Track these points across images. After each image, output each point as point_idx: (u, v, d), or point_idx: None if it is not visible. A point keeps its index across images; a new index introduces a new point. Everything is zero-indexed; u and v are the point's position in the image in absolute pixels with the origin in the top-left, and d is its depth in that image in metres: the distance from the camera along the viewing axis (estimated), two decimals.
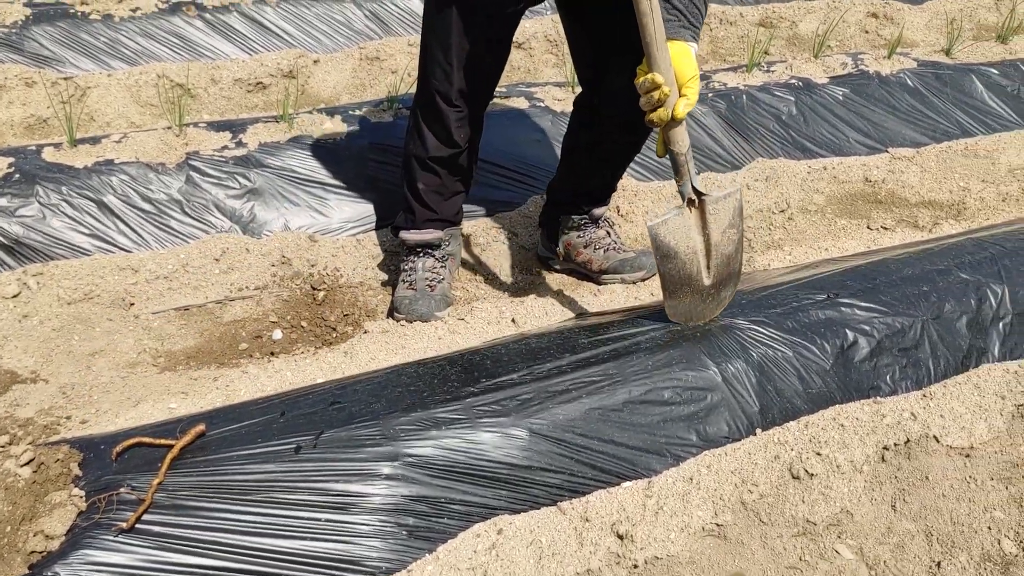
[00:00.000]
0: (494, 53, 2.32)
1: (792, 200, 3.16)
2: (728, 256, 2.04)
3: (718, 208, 1.99)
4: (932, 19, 4.82)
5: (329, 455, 1.63)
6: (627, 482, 1.77)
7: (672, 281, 2.01)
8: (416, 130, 2.42)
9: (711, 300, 2.06)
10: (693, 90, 1.93)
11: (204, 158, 2.82)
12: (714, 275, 2.03)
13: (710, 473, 1.80)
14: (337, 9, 4.11)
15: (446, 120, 2.35)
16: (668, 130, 1.94)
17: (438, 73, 2.30)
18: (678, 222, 1.97)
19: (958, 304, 2.21)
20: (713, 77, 3.66)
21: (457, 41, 2.24)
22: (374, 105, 3.21)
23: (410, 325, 2.36)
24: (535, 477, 1.70)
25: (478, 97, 2.37)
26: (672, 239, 1.97)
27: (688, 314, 2.06)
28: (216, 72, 3.64)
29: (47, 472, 1.61)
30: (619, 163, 2.58)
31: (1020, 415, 2.09)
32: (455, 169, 2.46)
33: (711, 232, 2.00)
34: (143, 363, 2.29)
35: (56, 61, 3.62)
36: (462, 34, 2.23)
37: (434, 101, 2.34)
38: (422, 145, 2.42)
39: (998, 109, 3.81)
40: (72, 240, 2.60)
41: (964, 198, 3.26)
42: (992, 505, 1.86)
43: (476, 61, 2.28)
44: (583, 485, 1.73)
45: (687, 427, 1.86)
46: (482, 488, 1.66)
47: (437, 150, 2.40)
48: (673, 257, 1.98)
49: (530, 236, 2.88)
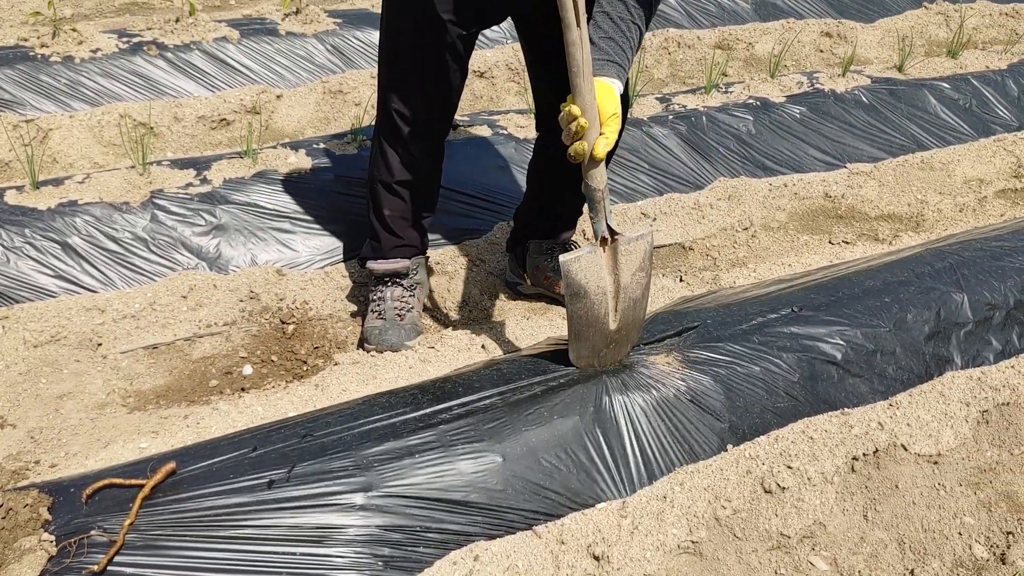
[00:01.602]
0: (452, 73, 2.34)
1: (755, 218, 3.21)
2: (635, 300, 1.98)
3: (630, 249, 1.94)
4: (884, 37, 4.93)
5: (302, 488, 1.62)
6: (601, 503, 1.78)
7: (579, 322, 1.92)
8: (380, 155, 2.44)
9: (613, 346, 1.99)
10: (612, 128, 1.91)
11: (169, 196, 2.81)
12: (620, 320, 1.96)
13: (683, 491, 1.81)
14: (299, 44, 4.13)
15: (408, 143, 2.37)
16: (587, 168, 1.93)
17: (397, 96, 2.32)
18: (590, 260, 1.90)
19: (920, 314, 2.25)
20: (673, 99, 3.71)
21: (414, 64, 2.27)
22: (338, 138, 3.22)
23: (381, 355, 2.36)
24: (510, 502, 1.70)
25: (439, 118, 2.40)
26: (583, 277, 1.89)
27: (590, 358, 1.98)
28: (179, 110, 3.64)
29: (16, 518, 1.59)
30: (578, 181, 2.58)
31: (985, 421, 2.13)
32: (420, 193, 2.47)
33: (621, 274, 1.94)
34: (112, 403, 2.27)
35: (16, 104, 3.60)
36: (419, 56, 2.26)
37: (395, 124, 2.36)
38: (386, 170, 2.43)
39: (952, 122, 3.90)
40: (37, 282, 2.58)
41: (922, 210, 3.32)
42: (962, 511, 1.89)
43: (435, 82, 2.31)
44: (558, 507, 1.74)
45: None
46: (457, 515, 1.66)
47: (401, 174, 2.42)
48: (582, 296, 1.90)
49: (497, 262, 2.89)
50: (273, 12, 4.39)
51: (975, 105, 3.99)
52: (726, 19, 5.02)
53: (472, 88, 4.05)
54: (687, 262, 3.00)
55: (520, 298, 2.77)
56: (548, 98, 2.49)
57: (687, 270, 2.91)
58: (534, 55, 2.46)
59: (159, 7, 5.06)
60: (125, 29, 4.09)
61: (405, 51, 2.27)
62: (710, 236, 3.11)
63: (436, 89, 2.33)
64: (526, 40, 2.45)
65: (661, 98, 3.73)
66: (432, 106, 2.35)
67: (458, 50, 2.29)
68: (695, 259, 3.01)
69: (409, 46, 2.26)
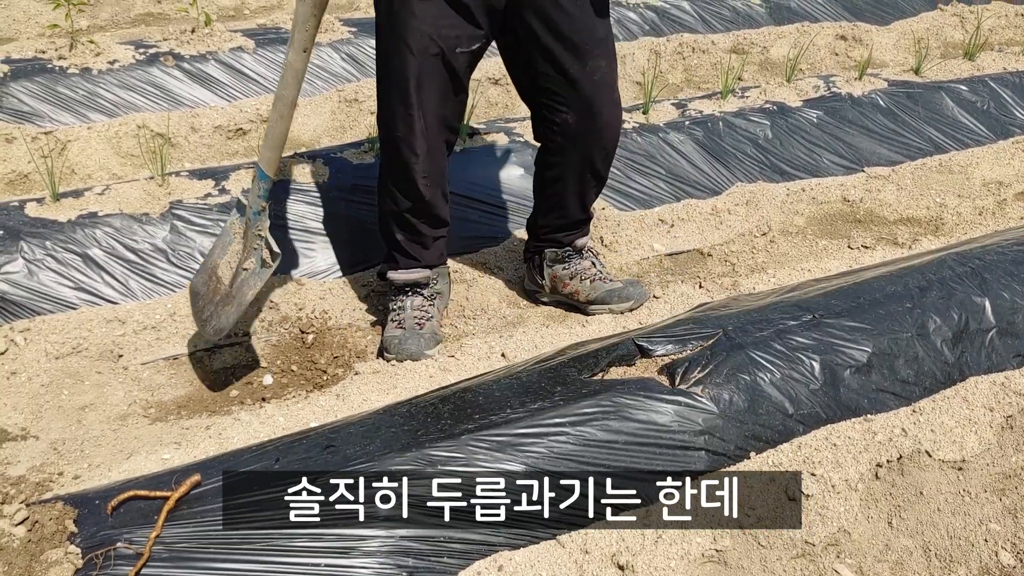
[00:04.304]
0: (453, 95, 2.35)
1: (773, 223, 3.20)
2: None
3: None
4: (900, 39, 4.91)
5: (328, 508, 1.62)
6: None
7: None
8: (386, 186, 2.45)
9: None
10: None
11: (188, 206, 2.83)
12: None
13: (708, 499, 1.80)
14: (314, 53, 4.15)
15: (413, 171, 2.37)
16: None
17: (400, 123, 2.33)
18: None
19: (942, 319, 2.24)
20: (689, 105, 3.71)
21: (414, 87, 2.27)
22: (354, 146, 3.23)
23: (400, 364, 2.37)
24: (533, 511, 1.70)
25: (441, 141, 2.40)
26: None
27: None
28: (196, 120, 3.66)
29: (42, 531, 1.60)
30: (577, 187, 2.58)
31: (1009, 426, 2.11)
32: (431, 218, 2.48)
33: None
34: (134, 414, 2.28)
35: (35, 116, 3.62)
36: (418, 79, 2.26)
37: (399, 151, 2.36)
38: (393, 201, 2.44)
39: (969, 124, 3.88)
40: (59, 294, 2.59)
41: (941, 214, 3.30)
42: (987, 517, 1.87)
43: (436, 105, 2.31)
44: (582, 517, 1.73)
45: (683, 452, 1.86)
46: (481, 525, 1.66)
47: (409, 202, 2.43)
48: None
49: (516, 270, 2.89)
50: (288, 21, 4.41)
51: (993, 107, 3.97)
52: (740, 23, 5.02)
53: (487, 95, 4.05)
54: (706, 268, 2.99)
55: (539, 306, 2.77)
56: (527, 100, 2.53)
57: (706, 276, 2.90)
58: (509, 66, 2.49)
59: (175, 18, 5.10)
60: (142, 40, 4.12)
61: (410, 74, 2.27)
62: (728, 242, 3.10)
63: (440, 112, 2.33)
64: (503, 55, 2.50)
65: (677, 103, 3.72)
66: (437, 130, 2.36)
67: (464, 68, 2.30)
68: (714, 265, 3.01)
69: (413, 69, 2.26)
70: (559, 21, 2.29)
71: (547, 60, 2.34)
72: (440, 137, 2.39)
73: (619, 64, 4.27)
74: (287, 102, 2.26)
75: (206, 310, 2.28)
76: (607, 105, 2.42)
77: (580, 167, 2.51)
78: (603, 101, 2.41)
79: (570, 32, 2.31)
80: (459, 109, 2.42)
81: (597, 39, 2.36)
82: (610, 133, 2.47)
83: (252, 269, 2.27)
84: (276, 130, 2.29)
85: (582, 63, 2.34)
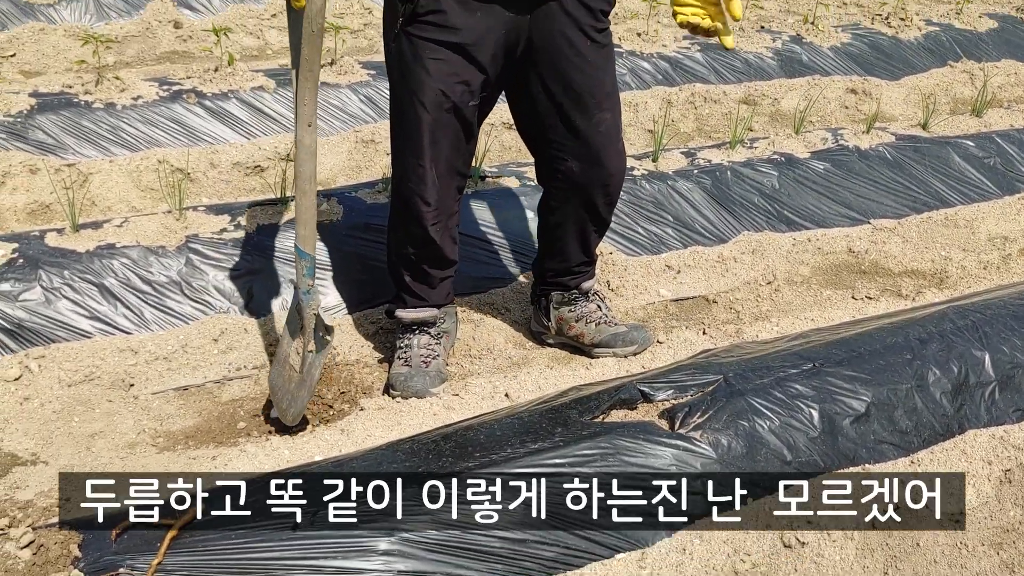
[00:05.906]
0: (465, 144, 2.42)
1: (778, 272, 3.23)
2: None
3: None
4: (909, 94, 4.97)
5: (326, 532, 1.65)
6: (620, 553, 1.79)
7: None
8: (396, 229, 2.52)
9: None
10: None
11: (203, 240, 2.89)
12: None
13: (703, 543, 1.82)
14: (333, 94, 4.24)
15: (424, 220, 2.42)
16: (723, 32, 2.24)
17: (412, 175, 2.39)
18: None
19: (942, 371, 2.26)
20: (698, 154, 3.76)
21: (428, 142, 2.33)
22: (369, 186, 3.29)
23: (406, 401, 2.40)
24: (529, 550, 1.72)
25: (452, 187, 2.46)
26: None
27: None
28: (215, 156, 3.74)
29: (47, 554, 1.63)
30: (580, 232, 2.62)
31: (1008, 480, 2.11)
32: (439, 260, 2.53)
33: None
34: (142, 443, 2.32)
35: (59, 148, 3.71)
36: (432, 134, 2.32)
37: (411, 201, 2.42)
38: (402, 244, 2.51)
39: (976, 179, 3.92)
40: (74, 323, 2.65)
41: (946, 267, 3.33)
42: (984, 571, 1.88)
43: (448, 157, 2.38)
44: (577, 557, 1.75)
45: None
46: (477, 561, 1.68)
47: (418, 247, 2.49)
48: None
49: (522, 311, 2.93)
50: None
51: (999, 163, 4.01)
52: (752, 75, 5.09)
53: (501, 139, 4.12)
54: (710, 315, 3.02)
55: (544, 347, 2.80)
56: (531, 148, 2.60)
57: (710, 323, 2.93)
58: (515, 114, 2.57)
59: (199, 56, 5.22)
60: (166, 77, 4.22)
61: (410, 128, 2.34)
62: (734, 289, 3.13)
63: (453, 163, 2.40)
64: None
65: (687, 152, 3.78)
66: (449, 181, 2.42)
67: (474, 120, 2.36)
68: (718, 312, 3.04)
69: (426, 123, 2.32)
70: (572, 78, 2.36)
71: (556, 114, 2.40)
72: (451, 184, 2.45)
73: (632, 112, 4.36)
74: (305, 177, 2.29)
75: (284, 400, 2.29)
76: (612, 155, 2.48)
77: (583, 212, 2.56)
78: (608, 152, 2.47)
79: (581, 88, 2.37)
80: (469, 156, 2.48)
81: (605, 93, 2.42)
82: (614, 181, 2.53)
83: (314, 350, 2.29)
84: (302, 206, 2.32)
85: (589, 117, 2.40)
